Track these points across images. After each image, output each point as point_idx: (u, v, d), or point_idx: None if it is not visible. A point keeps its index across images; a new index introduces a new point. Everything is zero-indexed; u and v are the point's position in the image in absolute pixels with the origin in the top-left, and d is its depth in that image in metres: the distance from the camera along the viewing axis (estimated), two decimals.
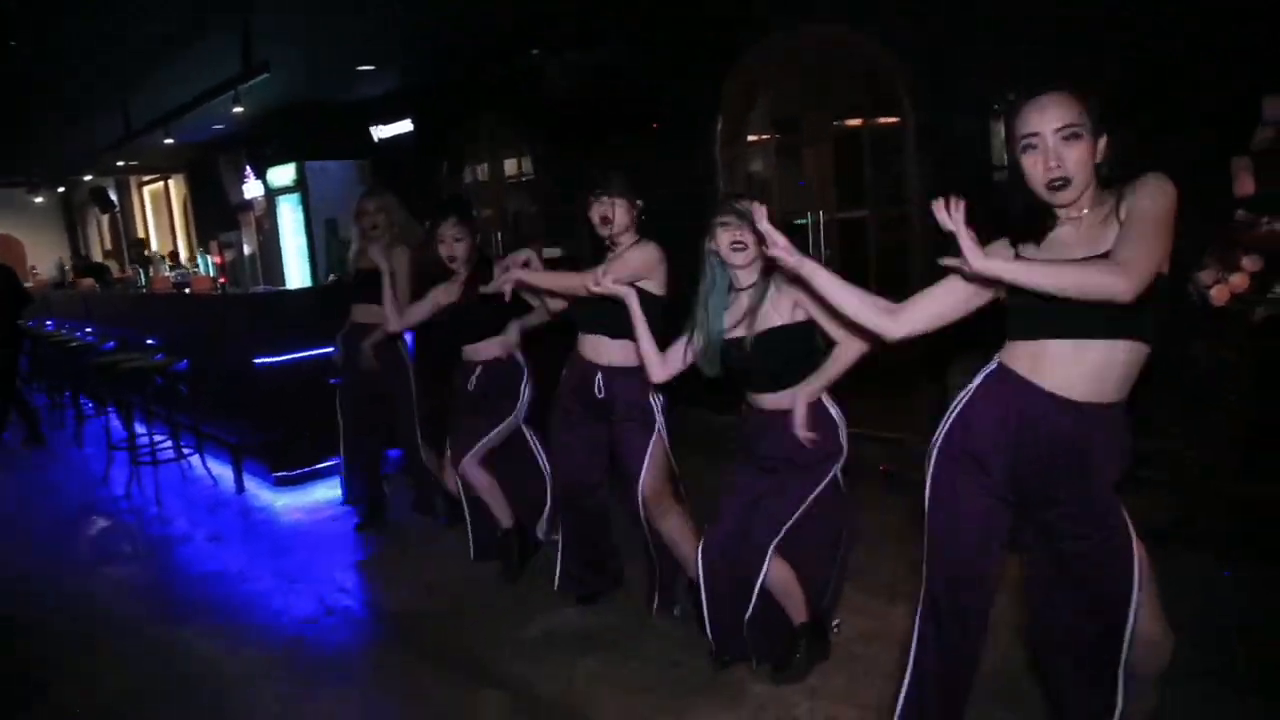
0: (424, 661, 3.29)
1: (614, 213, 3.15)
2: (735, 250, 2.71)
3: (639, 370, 3.03)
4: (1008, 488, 2.06)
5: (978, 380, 2.11)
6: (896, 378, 3.04)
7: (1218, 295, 3.59)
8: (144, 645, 3.60)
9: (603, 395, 3.29)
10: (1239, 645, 2.89)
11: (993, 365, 2.09)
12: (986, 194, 5.16)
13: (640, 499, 3.23)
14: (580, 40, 6.88)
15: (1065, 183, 1.89)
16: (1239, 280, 3.52)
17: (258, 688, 3.20)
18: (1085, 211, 1.97)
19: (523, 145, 8.46)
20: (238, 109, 6.52)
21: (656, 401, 3.27)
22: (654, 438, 3.24)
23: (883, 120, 5.66)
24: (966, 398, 2.11)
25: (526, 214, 8.24)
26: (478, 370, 3.81)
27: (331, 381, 4.67)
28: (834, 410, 2.82)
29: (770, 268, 2.68)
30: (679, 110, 6.53)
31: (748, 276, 2.78)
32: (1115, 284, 1.74)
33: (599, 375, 3.29)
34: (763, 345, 2.71)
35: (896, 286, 5.05)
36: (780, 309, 2.71)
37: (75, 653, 3.60)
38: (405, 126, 9.21)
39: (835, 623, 3.11)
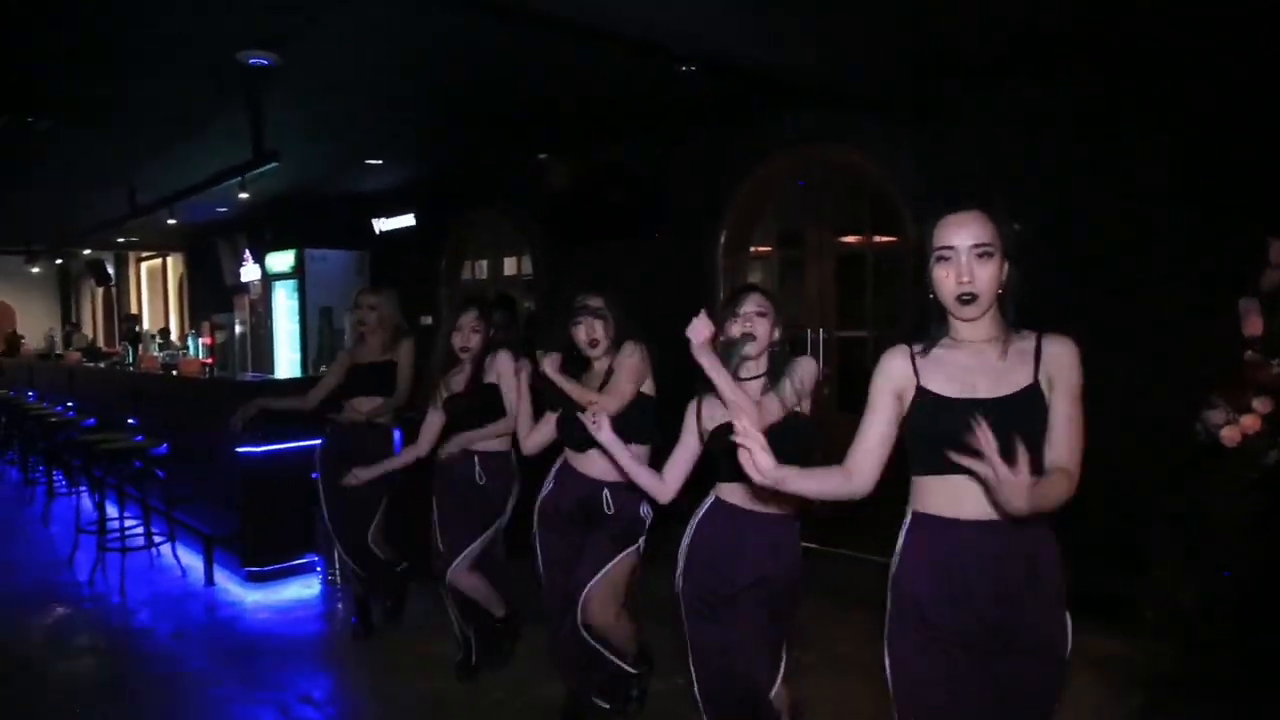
0: None
1: (600, 331, 3.14)
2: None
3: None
4: (968, 636, 1.95)
5: (900, 541, 2.06)
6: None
7: (1229, 436, 3.53)
8: None
9: (612, 511, 3.15)
10: None
11: (907, 519, 2.05)
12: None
13: (582, 600, 3.09)
14: (586, 142, 6.98)
15: (973, 297, 1.91)
16: (1250, 421, 3.47)
17: None
18: (988, 343, 1.98)
19: (523, 243, 8.53)
20: (244, 195, 6.53)
21: (646, 514, 3.17)
22: (630, 549, 3.14)
23: (882, 239, 5.71)
24: (896, 563, 2.06)
25: (534, 314, 8.24)
26: (475, 461, 3.72)
27: (314, 476, 4.51)
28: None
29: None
30: (682, 217, 6.59)
31: (756, 366, 2.66)
32: (1067, 493, 1.82)
33: (606, 491, 3.15)
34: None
35: None
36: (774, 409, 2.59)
37: None
38: (407, 220, 9.28)
39: None
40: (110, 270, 16.72)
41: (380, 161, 7.84)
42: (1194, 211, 4.18)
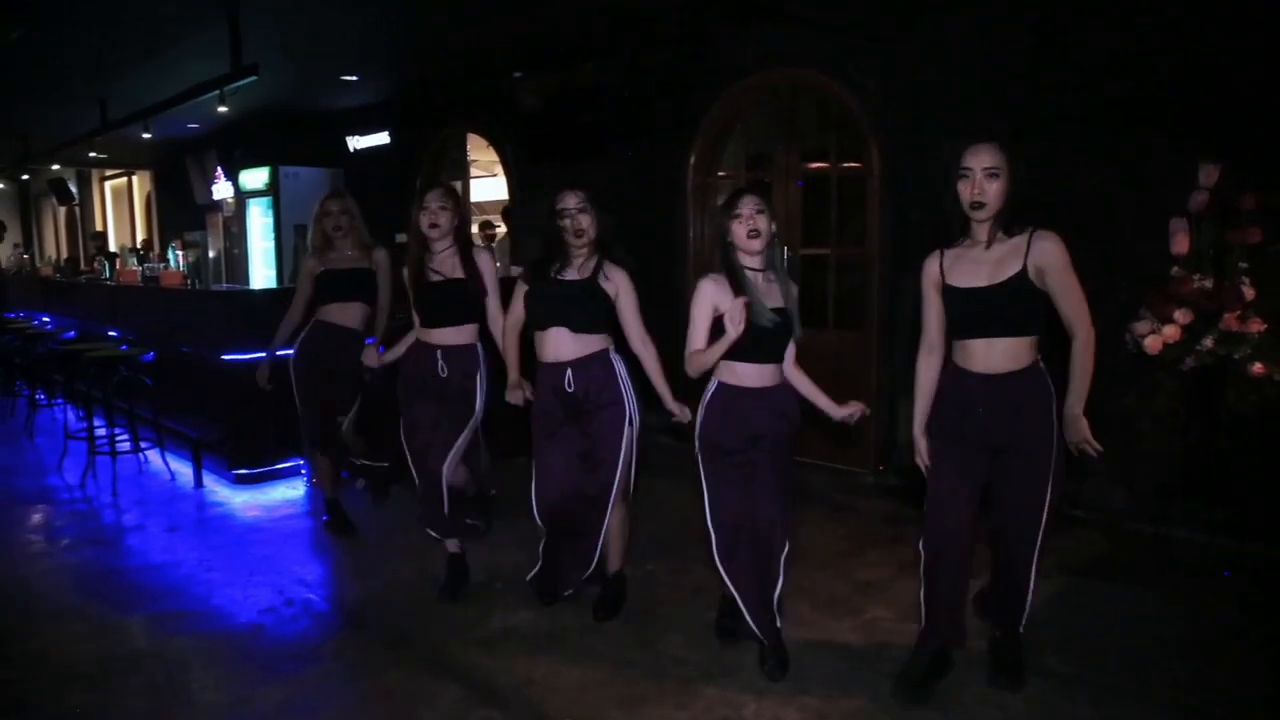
0: (383, 652, 3.38)
1: (585, 224, 3.39)
2: (752, 238, 3.02)
3: (605, 357, 3.44)
4: (973, 444, 2.86)
5: (939, 384, 2.97)
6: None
7: (1151, 345, 3.85)
8: (92, 628, 3.59)
9: (572, 389, 3.41)
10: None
11: (949, 367, 2.94)
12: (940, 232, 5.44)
13: (615, 490, 3.41)
14: (560, 60, 7.06)
15: (981, 205, 2.71)
16: (1171, 331, 3.78)
17: (212, 671, 3.24)
18: (992, 245, 2.78)
19: (498, 164, 8.61)
20: (223, 109, 6.56)
21: (629, 392, 3.47)
22: (628, 431, 3.45)
23: (848, 164, 5.91)
24: (938, 393, 2.96)
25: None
26: (438, 354, 3.71)
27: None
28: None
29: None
30: (654, 139, 6.74)
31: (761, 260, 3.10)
32: (1091, 343, 2.77)
33: (568, 371, 3.42)
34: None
35: (852, 318, 5.25)
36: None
37: (14, 635, 3.57)
38: (382, 139, 9.30)
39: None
40: (73, 189, 16.46)
41: (356, 78, 7.87)
42: (1137, 133, 4.42)
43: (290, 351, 4.50)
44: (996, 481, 2.88)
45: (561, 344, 3.42)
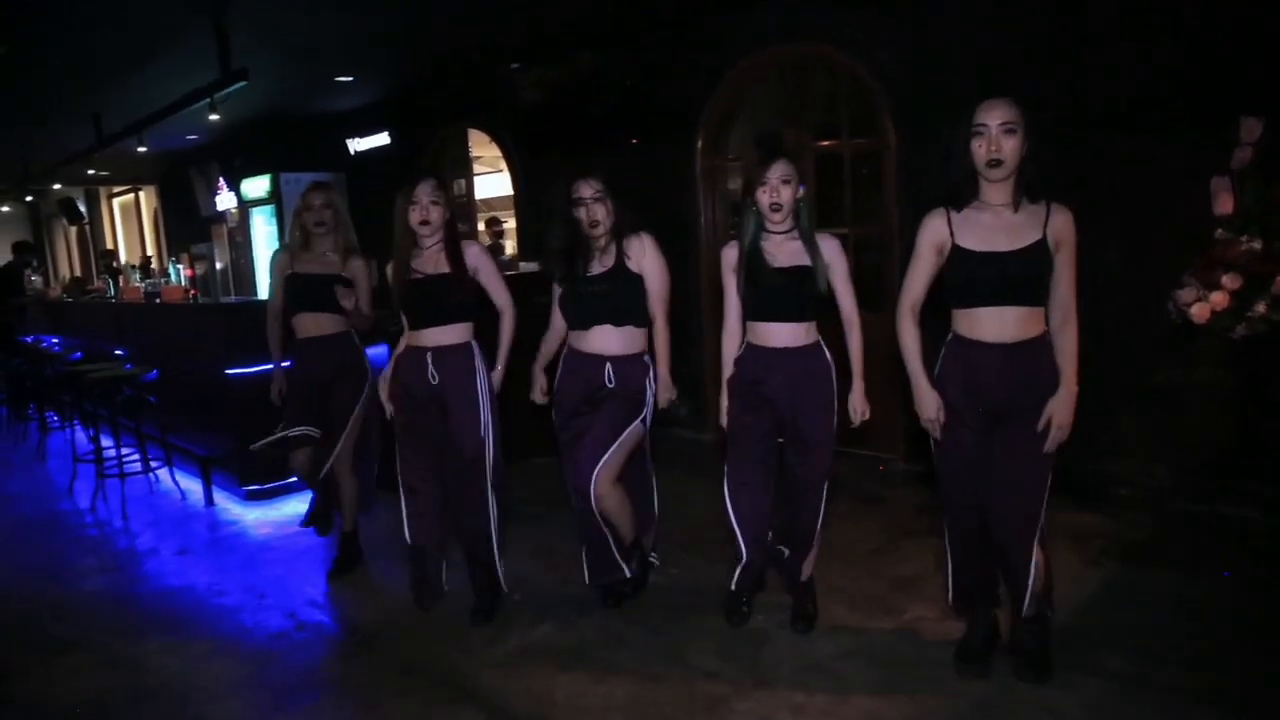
0: (397, 677, 3.21)
1: (600, 214, 3.32)
2: (774, 210, 3.06)
3: (640, 357, 3.41)
4: (983, 417, 2.75)
5: (940, 354, 2.83)
6: (873, 401, 3.18)
7: (1199, 313, 3.61)
8: (107, 657, 3.48)
9: (613, 384, 3.36)
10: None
11: (949, 338, 2.81)
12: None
13: (594, 477, 3.24)
14: (558, 50, 6.86)
15: (999, 163, 2.57)
16: (1219, 298, 3.55)
17: (225, 702, 3.10)
18: (1007, 207, 2.65)
19: (500, 159, 8.42)
20: (214, 117, 6.42)
21: (651, 388, 3.40)
22: (636, 422, 3.36)
23: (862, 141, 5.68)
24: (938, 367, 2.82)
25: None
26: (429, 357, 3.44)
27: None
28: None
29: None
30: (660, 125, 6.53)
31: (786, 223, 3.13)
32: (1076, 328, 2.70)
33: (608, 365, 3.36)
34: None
35: (870, 298, 5.04)
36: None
37: (31, 664, 3.46)
38: (382, 139, 9.14)
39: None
40: (82, 208, 16.43)
41: (350, 78, 7.70)
42: (1170, 93, 4.17)
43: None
44: (999, 453, 2.74)
45: (607, 340, 3.38)
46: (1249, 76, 3.89)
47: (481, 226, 9.18)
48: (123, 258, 17.12)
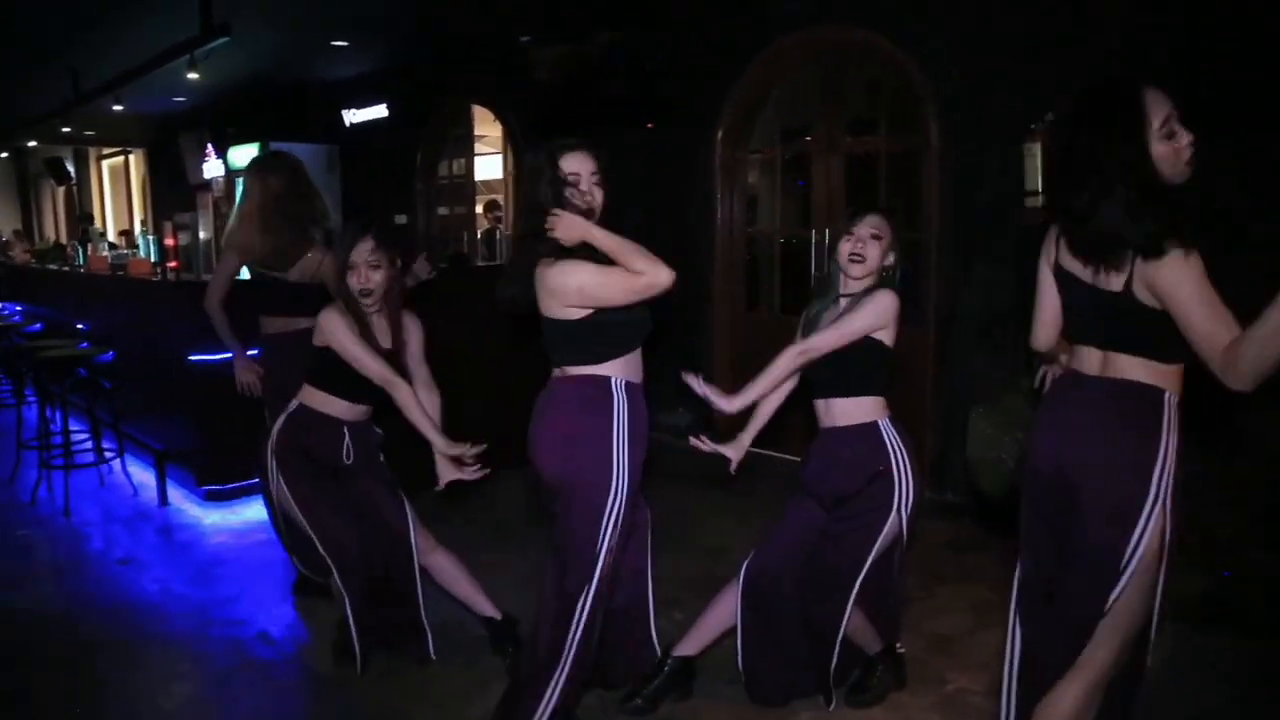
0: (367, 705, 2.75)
1: (600, 202, 2.49)
2: (853, 262, 2.63)
3: None
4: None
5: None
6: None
7: None
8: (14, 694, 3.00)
9: None
10: None
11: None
12: (1007, 223, 4.71)
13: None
14: (574, 28, 6.35)
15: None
16: None
17: None
18: None
19: (500, 139, 7.93)
20: (193, 75, 5.89)
21: None
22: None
23: (901, 137, 5.19)
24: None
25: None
26: (346, 431, 3.03)
27: None
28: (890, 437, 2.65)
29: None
30: (678, 110, 6.02)
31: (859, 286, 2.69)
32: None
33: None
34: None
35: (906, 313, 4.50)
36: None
37: None
38: (379, 111, 8.64)
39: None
40: (70, 168, 15.86)
41: (345, 43, 7.16)
42: (1241, 83, 3.68)
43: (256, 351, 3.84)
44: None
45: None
46: None
47: (480, 210, 8.67)
48: (110, 222, 16.57)
